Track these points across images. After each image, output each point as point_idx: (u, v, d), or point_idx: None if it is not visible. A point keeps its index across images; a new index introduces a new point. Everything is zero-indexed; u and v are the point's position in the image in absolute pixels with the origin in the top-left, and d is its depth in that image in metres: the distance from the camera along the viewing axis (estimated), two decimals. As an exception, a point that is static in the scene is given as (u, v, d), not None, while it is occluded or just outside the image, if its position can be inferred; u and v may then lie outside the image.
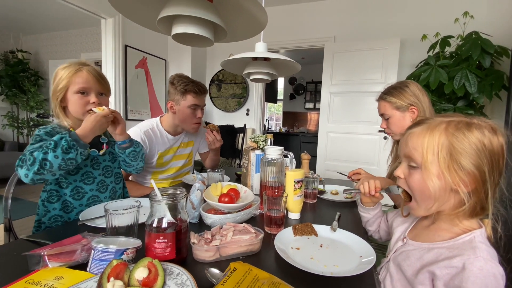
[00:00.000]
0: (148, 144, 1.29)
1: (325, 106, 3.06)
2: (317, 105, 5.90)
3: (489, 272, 0.46)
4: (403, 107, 1.04)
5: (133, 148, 1.02)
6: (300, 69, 1.14)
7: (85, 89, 0.91)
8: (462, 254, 0.49)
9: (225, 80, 3.62)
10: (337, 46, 2.94)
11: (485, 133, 0.51)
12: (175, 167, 1.46)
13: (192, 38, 0.76)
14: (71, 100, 0.91)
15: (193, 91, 1.29)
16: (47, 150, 0.76)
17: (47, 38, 4.61)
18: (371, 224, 0.84)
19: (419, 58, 2.48)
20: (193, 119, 1.34)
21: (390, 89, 1.08)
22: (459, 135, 0.51)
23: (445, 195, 0.53)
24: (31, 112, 4.53)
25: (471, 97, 2.03)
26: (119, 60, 2.65)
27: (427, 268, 0.53)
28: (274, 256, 0.65)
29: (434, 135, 0.54)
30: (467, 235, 0.53)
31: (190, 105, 1.31)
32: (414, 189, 0.58)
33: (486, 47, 1.97)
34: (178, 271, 0.50)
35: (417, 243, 0.60)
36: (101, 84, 0.95)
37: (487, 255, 0.48)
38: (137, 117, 2.99)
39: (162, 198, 0.58)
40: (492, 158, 0.50)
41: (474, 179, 0.51)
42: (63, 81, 0.89)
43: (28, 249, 0.56)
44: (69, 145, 0.78)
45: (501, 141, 0.51)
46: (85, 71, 0.91)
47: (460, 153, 0.51)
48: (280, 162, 0.96)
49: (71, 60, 0.94)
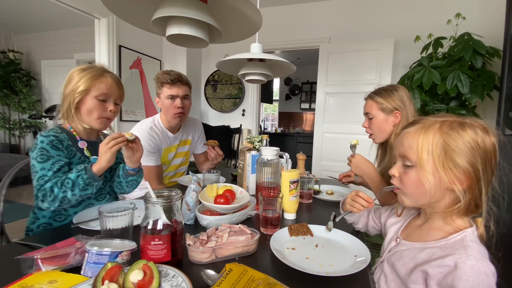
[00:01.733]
0: (156, 139, 1.34)
1: (320, 107, 3.08)
2: (312, 106, 5.92)
3: (481, 270, 0.47)
4: (388, 110, 1.05)
5: (136, 178, 0.98)
6: (295, 69, 1.15)
7: (106, 96, 0.91)
8: (454, 254, 0.50)
9: (221, 80, 3.62)
10: (332, 47, 2.96)
11: (478, 132, 0.52)
12: (175, 164, 1.51)
13: (186, 39, 0.76)
14: (89, 103, 0.89)
15: (166, 82, 1.31)
16: (65, 189, 0.78)
17: (39, 38, 4.54)
18: (357, 223, 0.85)
19: (412, 59, 2.50)
20: (174, 109, 1.34)
21: (380, 90, 1.10)
22: (453, 134, 0.53)
23: (440, 193, 0.55)
24: (23, 113, 4.46)
25: (463, 98, 2.06)
26: (113, 60, 2.63)
27: (420, 267, 0.54)
28: (270, 256, 0.66)
29: (428, 134, 0.55)
30: (458, 234, 0.54)
31: (167, 95, 1.33)
32: (409, 187, 0.59)
33: (478, 48, 2.00)
34: (174, 273, 0.50)
35: (410, 243, 0.61)
36: (120, 91, 0.95)
37: (478, 253, 0.49)
38: (132, 118, 2.96)
39: (157, 200, 0.58)
40: (485, 157, 0.52)
41: (469, 176, 0.52)
42: (84, 84, 0.87)
43: (21, 252, 0.55)
44: (85, 183, 0.79)
45: (493, 140, 0.53)
46: (108, 77, 0.91)
47: (454, 151, 0.52)
48: (276, 162, 0.96)
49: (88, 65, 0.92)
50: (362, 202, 0.72)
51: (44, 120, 4.37)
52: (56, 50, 4.45)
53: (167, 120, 1.41)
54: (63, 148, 0.86)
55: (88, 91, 0.88)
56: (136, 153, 0.92)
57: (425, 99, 2.17)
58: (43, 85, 4.49)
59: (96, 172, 0.80)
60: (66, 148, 0.88)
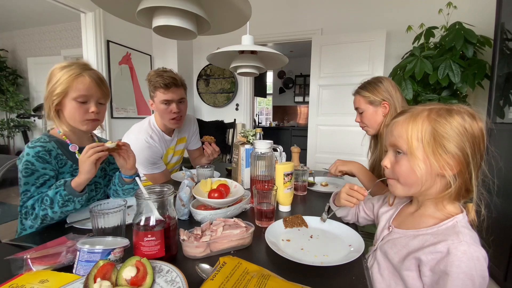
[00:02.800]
0: (156, 149, 1.31)
1: (314, 99, 3.07)
2: (306, 99, 5.92)
3: (473, 255, 0.48)
4: (376, 102, 1.08)
5: (132, 186, 0.95)
6: (287, 61, 1.14)
7: (86, 98, 0.85)
8: (446, 240, 0.51)
9: (213, 75, 3.57)
10: (325, 39, 2.95)
11: (465, 118, 0.53)
12: (172, 163, 1.51)
13: (174, 30, 0.74)
14: (69, 106, 0.84)
15: (160, 86, 1.24)
16: (45, 207, 0.74)
17: (24, 35, 4.39)
18: (346, 215, 0.84)
19: (404, 50, 2.51)
20: (169, 114, 1.29)
21: (365, 84, 1.12)
22: (441, 120, 0.54)
23: (431, 179, 0.55)
24: (11, 113, 4.35)
25: (454, 87, 2.08)
26: (101, 56, 2.56)
27: (413, 254, 0.54)
28: (265, 249, 0.66)
29: (417, 122, 0.55)
30: (449, 220, 0.54)
31: (162, 100, 1.27)
32: (401, 176, 0.59)
33: (469, 37, 2.01)
34: (168, 268, 0.49)
35: (402, 231, 0.62)
36: (102, 90, 0.88)
37: (470, 239, 0.49)
38: (123, 115, 2.92)
39: (149, 196, 0.57)
40: (473, 141, 0.53)
41: (459, 161, 0.53)
42: (62, 85, 0.81)
43: (11, 253, 0.54)
44: (64, 200, 0.74)
45: (480, 125, 0.53)
46: (87, 76, 0.84)
47: (443, 137, 0.53)
48: (270, 155, 0.96)
49: (70, 61, 0.86)
50: (357, 196, 0.72)
51: (33, 119, 4.27)
52: (42, 46, 4.32)
53: (162, 124, 1.37)
54: (50, 159, 0.81)
55: (65, 93, 0.82)
56: (128, 160, 0.89)
57: (417, 90, 2.19)
58: (30, 83, 4.37)
59: (76, 186, 0.75)
60: (55, 158, 0.83)
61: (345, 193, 0.74)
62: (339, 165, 1.13)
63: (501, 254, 1.51)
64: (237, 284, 0.44)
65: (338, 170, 1.13)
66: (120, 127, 2.85)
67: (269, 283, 0.45)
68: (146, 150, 1.26)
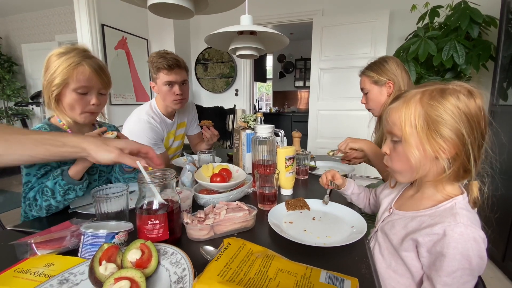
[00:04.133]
0: (158, 130, 1.31)
1: (315, 83, 3.02)
2: (307, 83, 5.83)
3: (469, 236, 0.48)
4: (380, 82, 1.08)
5: (133, 175, 0.95)
6: (288, 42, 1.10)
7: (86, 89, 0.81)
8: (443, 221, 0.50)
9: (211, 59, 3.49)
10: (326, 20, 2.86)
11: (460, 98, 0.51)
12: (174, 147, 1.51)
13: (170, 9, 0.71)
14: (69, 97, 0.80)
15: (163, 68, 1.23)
16: (47, 198, 0.73)
17: (17, 21, 4.26)
18: (357, 202, 0.86)
19: (408, 31, 2.44)
20: (172, 95, 1.29)
21: (371, 64, 1.13)
22: (434, 104, 0.52)
23: (427, 164, 0.54)
24: (9, 101, 4.29)
25: (458, 69, 2.04)
26: (96, 41, 2.49)
27: (410, 236, 0.55)
28: (268, 231, 0.66)
29: (410, 107, 0.54)
30: (448, 202, 0.54)
31: (164, 82, 1.26)
32: (398, 163, 0.59)
33: (475, 16, 1.95)
34: (172, 250, 0.50)
35: (402, 212, 0.62)
36: (103, 80, 0.85)
37: (467, 220, 0.49)
38: (122, 101, 2.88)
39: (151, 180, 0.56)
40: (470, 120, 0.51)
41: (454, 144, 0.52)
42: (61, 75, 0.77)
43: (15, 239, 0.54)
44: (65, 189, 0.73)
45: (478, 103, 0.51)
46: (87, 65, 0.80)
47: (436, 121, 0.51)
48: (271, 140, 0.95)
49: (67, 46, 0.81)
50: (323, 180, 0.83)
51: (31, 107, 4.22)
52: (36, 32, 4.20)
53: (164, 106, 1.36)
54: None
55: (65, 84, 0.79)
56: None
57: (420, 72, 2.14)
58: (26, 71, 4.28)
59: (74, 174, 0.73)
60: None
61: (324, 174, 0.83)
62: (350, 142, 1.09)
63: (499, 235, 1.53)
64: (242, 265, 0.45)
65: (348, 147, 1.09)
66: (119, 114, 2.82)
67: (274, 263, 0.46)
68: (148, 131, 1.26)
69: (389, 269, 0.59)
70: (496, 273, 1.54)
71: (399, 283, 0.58)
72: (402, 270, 0.57)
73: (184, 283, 0.41)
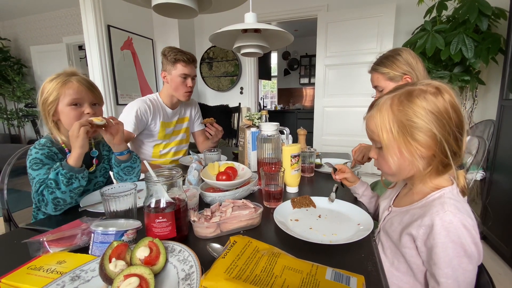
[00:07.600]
0: (152, 110, 1.36)
1: (320, 80, 3.00)
2: (312, 80, 5.79)
3: (459, 223, 0.48)
4: (396, 77, 0.97)
5: (129, 164, 0.97)
6: (292, 39, 1.09)
7: (77, 100, 0.87)
8: (431, 212, 0.52)
9: (216, 58, 3.50)
10: (331, 16, 2.82)
11: (427, 98, 0.52)
12: (175, 141, 1.53)
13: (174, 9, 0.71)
14: (64, 112, 0.86)
15: (182, 60, 1.34)
16: (52, 190, 0.76)
17: (25, 23, 4.34)
18: (368, 206, 0.85)
19: (415, 25, 2.39)
20: (184, 87, 1.39)
21: (382, 59, 1.01)
22: (403, 109, 0.53)
23: (407, 167, 0.56)
24: (19, 102, 4.40)
25: (467, 63, 1.99)
26: (102, 41, 2.52)
27: (406, 230, 0.56)
28: (274, 228, 0.67)
29: (383, 114, 0.56)
30: (436, 192, 0.55)
31: (181, 74, 1.35)
32: (383, 168, 0.61)
33: (484, 9, 1.89)
34: (180, 248, 0.51)
35: (397, 209, 0.64)
36: (93, 93, 0.91)
37: (454, 209, 0.50)
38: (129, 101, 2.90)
39: (158, 179, 0.57)
40: (440, 118, 0.51)
41: (428, 145, 0.53)
42: (53, 94, 0.84)
43: (28, 237, 0.56)
44: (67, 178, 0.76)
45: (447, 97, 0.52)
46: (75, 81, 0.86)
47: (409, 125, 0.53)
48: (276, 138, 0.95)
49: (57, 73, 0.88)
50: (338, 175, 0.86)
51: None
52: (44, 34, 4.27)
53: (169, 97, 1.43)
54: (57, 160, 0.86)
55: (58, 100, 0.85)
56: (115, 136, 0.90)
57: (428, 66, 2.10)
58: (35, 72, 4.37)
59: (73, 163, 0.78)
60: (60, 161, 0.84)
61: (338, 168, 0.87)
62: (365, 150, 1.05)
63: (509, 232, 1.50)
64: (248, 262, 0.45)
65: (366, 157, 1.06)
66: (126, 114, 2.85)
67: (280, 261, 0.46)
68: (138, 102, 1.34)
69: (392, 267, 0.60)
70: (505, 269, 1.52)
71: (402, 281, 0.58)
72: (404, 268, 0.58)
73: (191, 280, 0.42)
